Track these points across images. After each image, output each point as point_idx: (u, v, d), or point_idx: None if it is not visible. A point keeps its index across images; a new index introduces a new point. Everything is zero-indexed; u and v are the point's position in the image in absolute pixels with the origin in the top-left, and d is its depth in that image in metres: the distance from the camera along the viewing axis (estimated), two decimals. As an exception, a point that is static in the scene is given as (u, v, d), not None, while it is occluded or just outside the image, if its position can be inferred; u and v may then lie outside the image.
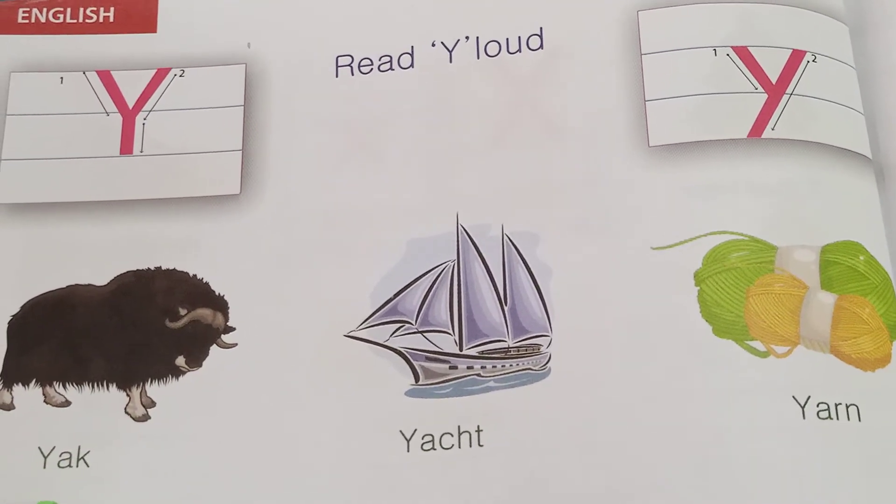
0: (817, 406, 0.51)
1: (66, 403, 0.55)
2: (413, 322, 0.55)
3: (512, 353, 0.54)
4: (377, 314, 0.55)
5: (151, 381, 0.55)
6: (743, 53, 0.57)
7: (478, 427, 0.53)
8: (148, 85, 0.60)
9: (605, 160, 0.56)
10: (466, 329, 0.55)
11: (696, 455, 0.51)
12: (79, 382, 0.55)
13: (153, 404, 0.54)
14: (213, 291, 0.56)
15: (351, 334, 0.55)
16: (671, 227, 0.55)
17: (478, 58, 0.60)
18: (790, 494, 0.50)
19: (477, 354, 0.54)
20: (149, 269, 0.57)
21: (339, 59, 0.60)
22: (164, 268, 0.57)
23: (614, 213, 0.55)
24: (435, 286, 0.55)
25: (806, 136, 0.56)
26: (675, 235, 0.54)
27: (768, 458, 0.50)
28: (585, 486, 0.51)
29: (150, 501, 0.52)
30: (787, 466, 0.50)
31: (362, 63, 0.60)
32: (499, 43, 0.60)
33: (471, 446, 0.52)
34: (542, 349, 0.54)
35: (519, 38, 0.60)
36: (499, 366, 0.54)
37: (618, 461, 0.51)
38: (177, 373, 0.55)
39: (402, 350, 0.55)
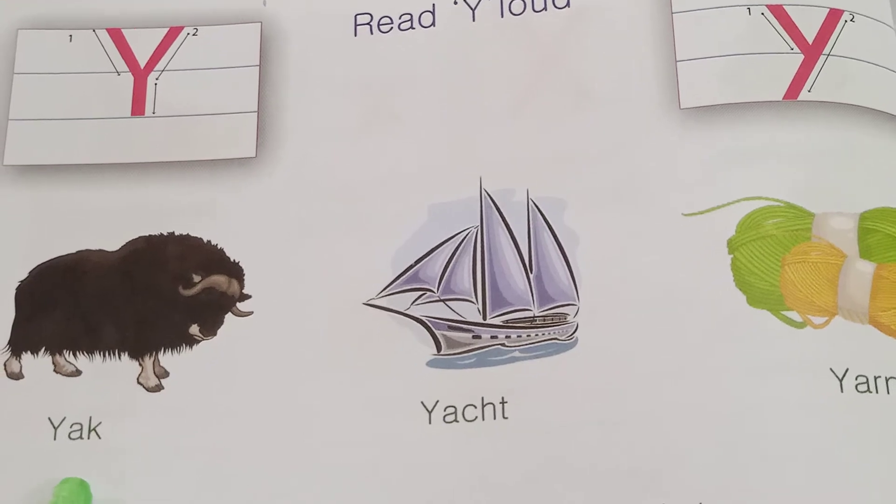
0: (856, 379, 0.50)
1: (77, 373, 0.53)
2: (435, 290, 0.54)
3: (537, 322, 0.53)
4: (398, 281, 0.54)
5: (164, 351, 0.54)
6: (778, 12, 0.56)
7: (502, 399, 0.51)
8: (160, 44, 0.59)
9: (635, 123, 0.55)
10: (490, 297, 0.53)
11: (728, 430, 0.49)
12: (90, 351, 0.54)
13: (166, 374, 0.53)
14: (228, 258, 0.55)
15: (370, 302, 0.54)
16: (703, 193, 0.53)
17: (502, 16, 0.58)
18: (827, 470, 0.48)
19: (501, 323, 0.53)
20: (161, 234, 0.55)
21: (358, 17, 0.59)
22: (177, 233, 0.55)
23: (644, 178, 0.54)
24: (457, 253, 0.54)
25: (843, 98, 0.54)
26: (707, 201, 0.53)
27: (804, 433, 0.49)
28: (612, 461, 0.50)
29: (164, 474, 0.51)
30: (825, 442, 0.49)
31: (382, 22, 0.59)
32: (524, 1, 0.58)
33: (495, 419, 0.51)
34: (568, 318, 0.52)
35: (545, -5, 0.58)
36: (524, 335, 0.52)
37: (647, 436, 0.50)
38: (191, 342, 0.54)
39: (423, 319, 0.53)
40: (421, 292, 0.54)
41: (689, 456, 0.49)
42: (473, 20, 0.58)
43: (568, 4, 0.58)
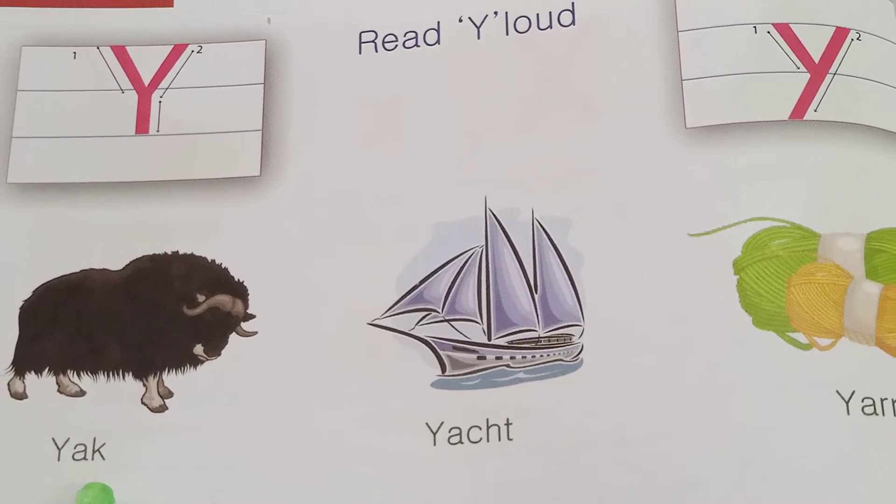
0: (862, 401, 0.49)
1: (81, 393, 0.53)
2: (439, 310, 0.53)
3: (542, 343, 0.52)
4: (402, 301, 0.54)
5: (168, 371, 0.53)
6: (784, 31, 0.56)
7: (507, 420, 0.51)
8: (164, 61, 0.58)
9: (640, 142, 0.55)
10: (495, 318, 0.53)
11: (735, 452, 0.49)
12: (93, 371, 0.53)
13: (170, 394, 0.53)
14: (233, 277, 0.55)
15: (375, 322, 0.53)
16: (709, 213, 0.53)
17: (507, 34, 0.58)
18: (833, 494, 0.48)
19: (506, 344, 0.53)
20: (165, 253, 0.55)
21: (363, 35, 0.59)
22: (181, 252, 0.55)
23: (649, 198, 0.54)
24: (462, 272, 0.54)
25: (850, 117, 0.54)
26: (713, 222, 0.53)
27: (810, 456, 0.49)
28: (619, 483, 0.49)
29: (168, 495, 0.51)
30: (831, 465, 0.48)
31: (386, 40, 0.58)
32: (529, 18, 0.58)
33: (500, 440, 0.51)
34: (573, 339, 0.52)
35: (550, 13, 0.58)
36: (529, 356, 0.52)
37: (652, 457, 0.50)
38: (195, 362, 0.53)
39: (428, 339, 0.53)
40: (425, 312, 0.53)
41: (694, 477, 0.49)
42: (478, 38, 0.58)
43: (573, 22, 0.57)
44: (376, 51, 0.58)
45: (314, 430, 0.52)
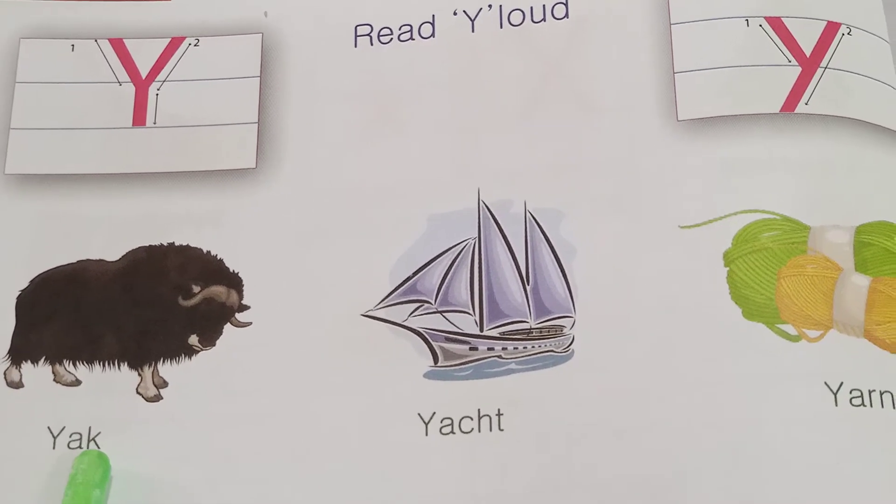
0: (850, 393, 0.49)
1: (77, 383, 0.53)
2: (432, 301, 0.54)
3: (534, 334, 0.53)
4: (395, 293, 0.54)
5: (164, 361, 0.54)
6: (776, 24, 0.56)
7: (498, 411, 0.51)
8: (162, 54, 0.59)
9: (632, 134, 0.55)
10: (487, 309, 0.53)
11: (724, 443, 0.49)
12: (89, 361, 0.54)
13: (165, 384, 0.53)
14: (228, 268, 0.55)
15: (368, 314, 0.54)
16: (700, 205, 0.53)
17: (501, 27, 0.58)
18: (821, 484, 0.48)
19: (498, 335, 0.53)
20: (161, 244, 0.55)
21: (358, 28, 0.59)
22: (177, 244, 0.55)
23: (640, 190, 0.54)
24: (455, 264, 0.54)
25: (840, 111, 0.54)
26: (703, 214, 0.53)
27: (799, 446, 0.49)
28: (609, 474, 0.50)
29: (163, 484, 0.51)
30: (819, 455, 0.49)
31: (382, 33, 0.59)
32: (522, 11, 0.58)
33: (491, 430, 0.51)
34: (565, 331, 0.52)
35: (543, 6, 0.58)
36: (520, 347, 0.52)
37: (642, 448, 0.50)
38: (190, 352, 0.54)
39: (420, 330, 0.53)
40: (419, 304, 0.54)
41: (683, 469, 0.49)
42: (473, 31, 0.58)
43: (567, 15, 0.58)
44: (372, 44, 0.59)
45: (307, 420, 0.52)
